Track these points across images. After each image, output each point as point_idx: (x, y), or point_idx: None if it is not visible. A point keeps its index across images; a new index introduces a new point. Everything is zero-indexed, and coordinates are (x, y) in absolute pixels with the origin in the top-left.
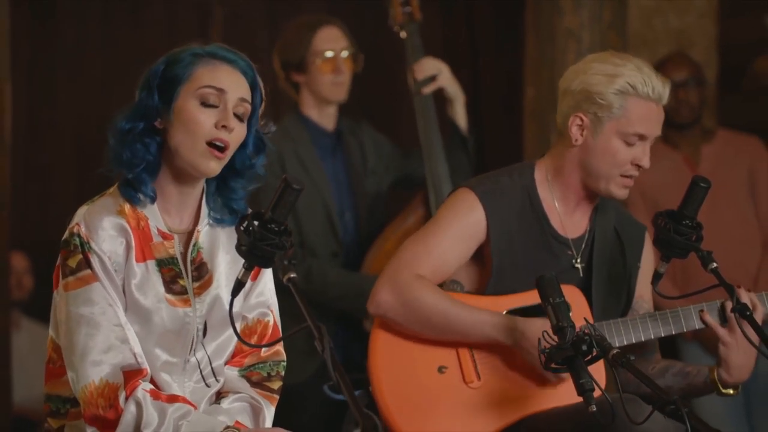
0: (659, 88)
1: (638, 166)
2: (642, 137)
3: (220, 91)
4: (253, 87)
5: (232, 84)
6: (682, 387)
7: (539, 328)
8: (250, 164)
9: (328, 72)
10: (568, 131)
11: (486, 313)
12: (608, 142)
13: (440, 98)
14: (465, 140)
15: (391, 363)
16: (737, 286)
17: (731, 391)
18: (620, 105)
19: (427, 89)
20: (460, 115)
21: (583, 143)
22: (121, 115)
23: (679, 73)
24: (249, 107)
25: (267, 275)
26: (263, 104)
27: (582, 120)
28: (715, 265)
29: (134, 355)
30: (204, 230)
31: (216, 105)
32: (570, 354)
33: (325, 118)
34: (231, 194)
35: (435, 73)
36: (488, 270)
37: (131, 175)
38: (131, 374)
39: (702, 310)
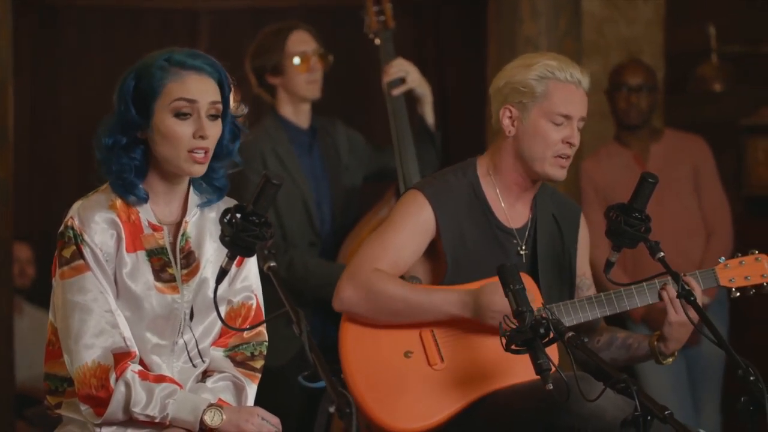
0: (577, 74)
1: (570, 144)
2: (567, 117)
3: (192, 101)
4: (221, 84)
5: (201, 91)
6: (626, 359)
7: (491, 290)
8: (228, 150)
9: (302, 72)
10: (501, 125)
11: (441, 292)
12: (537, 125)
13: (411, 98)
14: (432, 135)
15: (361, 352)
16: (683, 274)
17: (669, 360)
18: (542, 90)
19: (397, 91)
20: (428, 112)
21: (515, 133)
22: (103, 128)
23: (634, 78)
24: (221, 106)
25: (251, 261)
26: (233, 92)
27: (510, 111)
28: (662, 254)
29: (123, 338)
30: (192, 220)
31: (190, 114)
32: (529, 337)
33: (301, 116)
34: (213, 174)
35: (403, 75)
36: (443, 264)
37: (121, 182)
38: (121, 356)
39: (665, 284)
